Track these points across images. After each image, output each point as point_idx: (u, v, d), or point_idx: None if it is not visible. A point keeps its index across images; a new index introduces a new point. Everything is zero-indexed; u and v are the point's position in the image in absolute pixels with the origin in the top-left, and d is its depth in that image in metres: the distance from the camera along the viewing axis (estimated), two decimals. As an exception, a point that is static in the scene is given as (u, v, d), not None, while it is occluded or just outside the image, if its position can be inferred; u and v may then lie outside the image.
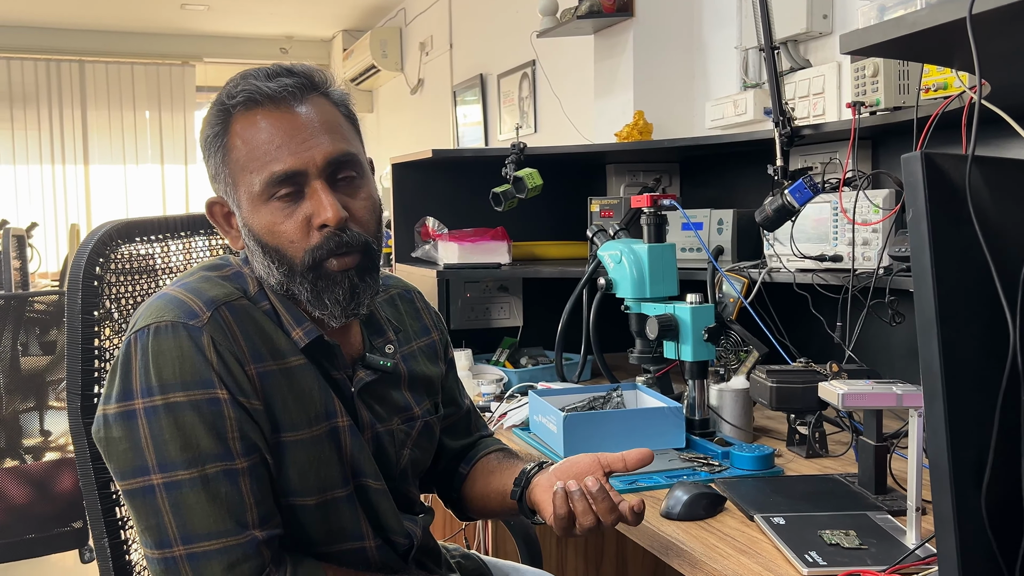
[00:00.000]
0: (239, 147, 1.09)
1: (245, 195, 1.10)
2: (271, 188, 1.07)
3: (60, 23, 7.30)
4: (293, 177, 1.07)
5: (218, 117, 1.11)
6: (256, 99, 1.08)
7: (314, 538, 1.13)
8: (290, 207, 1.08)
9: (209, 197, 1.16)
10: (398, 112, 7.06)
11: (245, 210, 1.10)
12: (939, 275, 0.69)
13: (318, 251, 1.09)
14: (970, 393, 0.70)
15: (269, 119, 1.08)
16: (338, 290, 1.11)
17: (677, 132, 3.02)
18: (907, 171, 0.69)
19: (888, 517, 1.26)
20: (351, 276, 1.11)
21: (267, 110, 1.08)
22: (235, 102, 1.09)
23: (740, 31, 2.83)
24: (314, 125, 1.09)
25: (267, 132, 1.07)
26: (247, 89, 1.08)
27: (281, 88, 1.08)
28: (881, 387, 1.16)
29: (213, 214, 1.16)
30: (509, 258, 2.43)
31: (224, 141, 1.10)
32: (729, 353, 1.82)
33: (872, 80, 1.75)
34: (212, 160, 1.12)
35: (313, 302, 1.11)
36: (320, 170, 1.08)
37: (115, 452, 1.03)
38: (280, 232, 1.08)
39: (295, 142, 1.07)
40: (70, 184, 7.79)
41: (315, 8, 7.03)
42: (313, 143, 1.08)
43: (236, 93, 1.09)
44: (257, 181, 1.07)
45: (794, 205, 1.70)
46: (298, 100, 1.09)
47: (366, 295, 1.14)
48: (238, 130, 1.09)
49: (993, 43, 0.94)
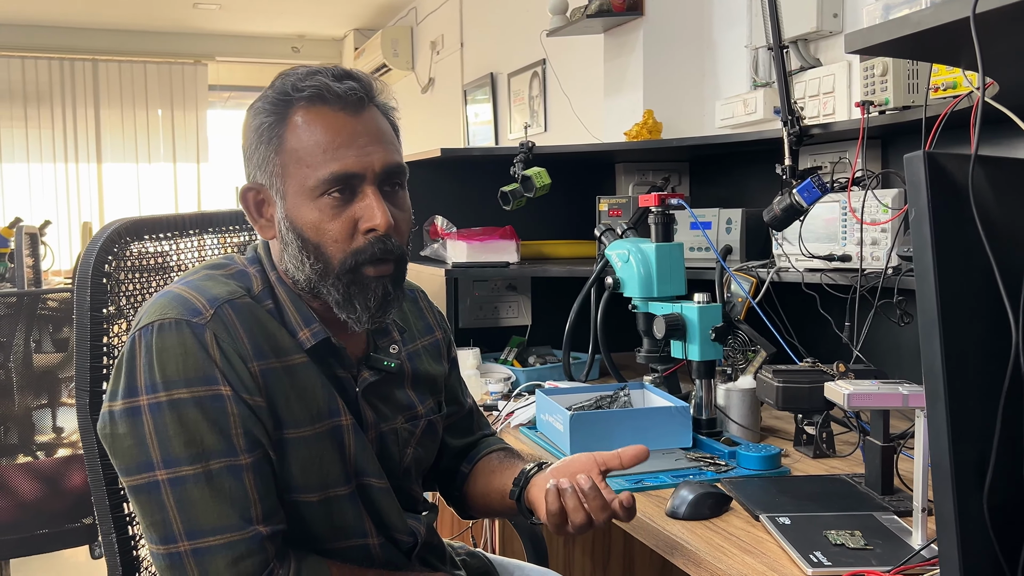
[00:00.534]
0: (298, 139, 1.09)
1: (295, 187, 1.10)
2: (325, 185, 1.08)
3: (74, 22, 7.34)
4: (350, 179, 1.09)
5: (278, 105, 1.11)
6: (324, 96, 1.09)
7: (318, 534, 1.13)
8: (339, 207, 1.09)
9: (245, 184, 1.16)
10: (409, 111, 7.06)
11: (291, 202, 1.11)
12: (941, 275, 0.68)
13: (361, 255, 1.10)
14: (972, 394, 0.70)
15: (334, 118, 1.09)
16: (371, 296, 1.12)
17: (687, 131, 3.01)
18: (910, 171, 0.69)
19: (894, 518, 1.25)
20: (386, 284, 1.12)
21: (333, 109, 1.09)
22: (302, 95, 1.09)
23: (750, 30, 2.82)
24: (374, 132, 1.11)
25: (331, 131, 1.09)
26: (316, 85, 1.09)
27: (349, 91, 1.10)
28: (887, 387, 1.16)
29: (246, 200, 1.16)
30: (517, 257, 2.43)
31: (280, 131, 1.10)
32: (737, 353, 1.81)
33: (881, 79, 1.74)
34: (262, 147, 1.12)
35: (342, 304, 1.12)
36: (376, 176, 1.10)
37: (120, 448, 1.04)
38: (325, 230, 1.09)
39: (357, 145, 1.09)
40: (83, 182, 7.84)
41: (327, 7, 7.04)
42: (372, 150, 1.10)
43: (304, 87, 1.09)
44: (312, 176, 1.08)
45: (802, 205, 1.70)
46: (362, 106, 1.11)
47: (396, 304, 1.16)
48: (299, 122, 1.10)
49: (1000, 42, 0.94)
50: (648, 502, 1.38)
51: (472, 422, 1.45)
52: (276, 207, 1.13)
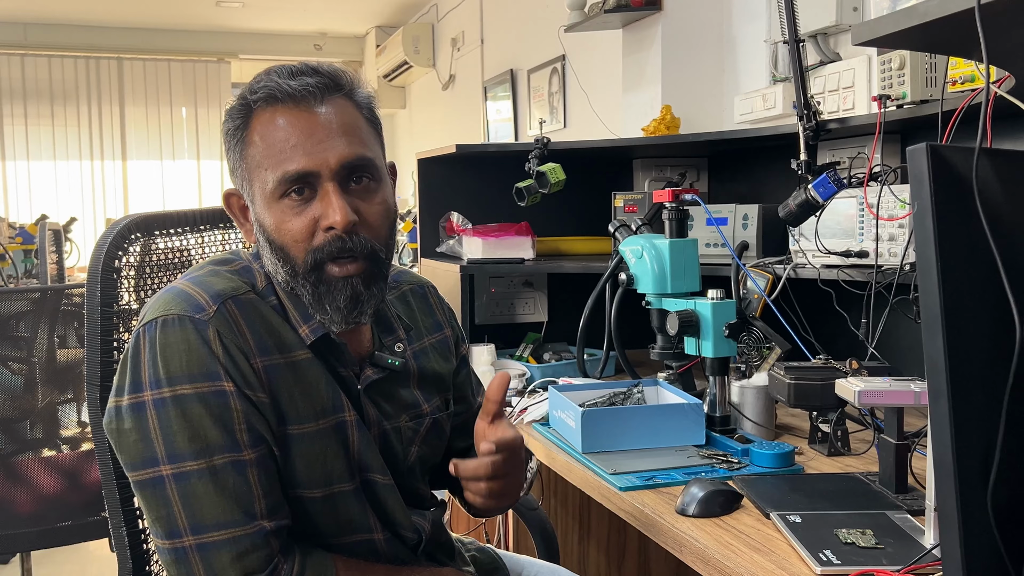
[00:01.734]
0: (256, 143, 1.09)
1: (259, 191, 1.10)
2: (283, 186, 1.07)
3: (99, 21, 7.42)
4: (305, 177, 1.07)
5: (239, 112, 1.11)
6: (276, 96, 1.08)
7: (322, 530, 1.14)
8: (300, 207, 1.08)
9: (227, 189, 1.17)
10: (430, 108, 7.08)
11: (258, 206, 1.11)
12: (945, 271, 0.67)
13: (319, 252, 1.08)
14: (976, 391, 0.69)
15: (287, 117, 1.08)
16: (339, 296, 1.10)
17: (706, 126, 2.99)
18: (912, 164, 0.68)
19: (907, 516, 1.24)
20: (354, 283, 1.10)
21: (286, 108, 1.08)
22: (256, 98, 1.09)
23: (769, 24, 2.79)
24: (331, 127, 1.08)
25: (284, 131, 1.07)
26: (268, 86, 1.08)
27: (302, 87, 1.08)
28: (899, 384, 1.15)
29: (230, 206, 1.17)
30: (533, 253, 2.42)
31: (243, 136, 1.11)
32: (751, 350, 1.80)
33: (899, 73, 1.72)
34: (231, 153, 1.13)
35: (314, 305, 1.12)
36: (333, 172, 1.08)
37: (125, 444, 1.04)
38: (286, 230, 1.09)
39: (311, 142, 1.07)
40: (108, 179, 7.93)
41: (348, 5, 7.07)
42: (328, 145, 1.07)
43: (258, 89, 1.09)
44: (271, 178, 1.08)
45: (818, 200, 1.68)
46: (318, 100, 1.09)
47: (369, 304, 1.13)
48: (257, 126, 1.09)
49: (1015, 33, 0.92)
50: (659, 499, 1.38)
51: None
52: (250, 211, 1.14)
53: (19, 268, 4.98)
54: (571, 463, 1.60)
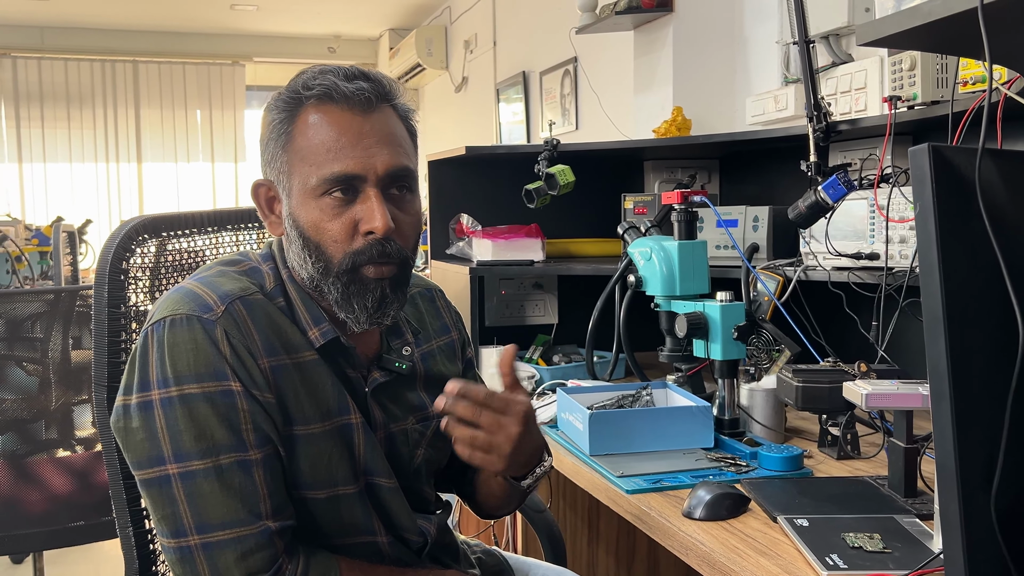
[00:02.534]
0: (304, 137, 1.10)
1: (299, 185, 1.10)
2: (326, 185, 1.08)
3: (115, 25, 7.48)
4: (351, 180, 1.08)
5: (289, 104, 1.11)
6: (332, 96, 1.09)
7: (327, 530, 1.14)
8: (340, 208, 1.09)
9: (257, 179, 1.17)
10: (443, 110, 7.09)
11: (295, 200, 1.11)
12: (947, 272, 0.67)
13: (359, 256, 1.09)
14: (979, 394, 0.68)
15: (340, 118, 1.09)
16: (369, 297, 1.11)
17: (718, 128, 2.98)
18: (914, 164, 0.68)
19: (916, 521, 1.22)
20: (384, 286, 1.12)
21: (340, 108, 1.09)
22: (311, 94, 1.10)
23: (781, 25, 2.78)
24: (380, 134, 1.10)
25: (336, 131, 1.08)
26: (325, 84, 1.09)
27: (358, 91, 1.09)
28: (907, 387, 1.14)
29: (258, 195, 1.17)
30: (542, 255, 2.42)
31: (289, 128, 1.11)
32: (761, 352, 1.79)
33: (909, 74, 1.71)
34: (271, 144, 1.13)
35: (341, 304, 1.12)
36: (378, 179, 1.09)
37: (132, 442, 1.05)
38: (325, 229, 1.09)
39: (360, 147, 1.08)
40: (124, 181, 7.99)
41: (362, 7, 7.09)
42: (376, 151, 1.09)
43: (313, 85, 1.10)
44: (315, 175, 1.08)
45: (827, 202, 1.67)
46: (371, 107, 1.10)
47: (393, 307, 1.14)
48: (307, 121, 1.10)
49: (1021, 35, 0.91)
50: (666, 502, 1.37)
51: None
52: (283, 204, 1.13)
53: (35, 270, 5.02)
54: (579, 465, 1.59)
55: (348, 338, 1.16)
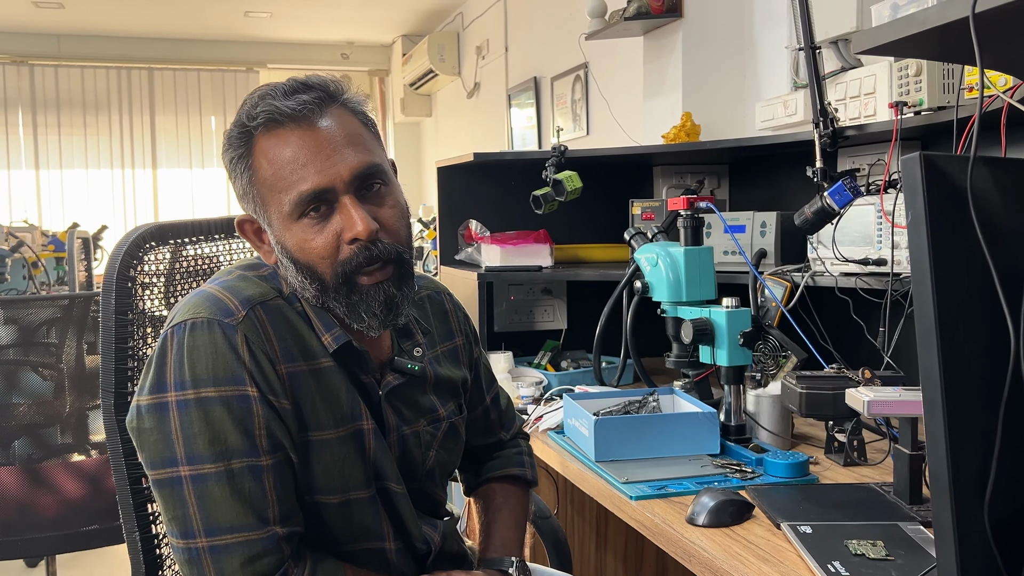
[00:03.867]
0: (265, 167, 1.09)
1: (276, 214, 1.10)
2: (300, 207, 1.08)
3: (130, 32, 7.54)
4: (321, 195, 1.08)
5: (240, 139, 1.11)
6: (276, 119, 1.08)
7: (336, 536, 1.14)
8: (321, 223, 1.09)
9: (239, 216, 1.17)
10: (455, 115, 7.11)
11: (277, 228, 1.11)
12: (939, 281, 0.67)
13: (348, 265, 1.09)
14: (972, 402, 0.68)
15: (292, 137, 1.08)
16: (374, 303, 1.11)
17: (727, 133, 2.98)
18: (906, 173, 0.68)
19: (920, 528, 1.22)
20: (386, 288, 1.12)
21: (289, 129, 1.08)
22: (256, 123, 1.09)
23: (791, 30, 2.77)
24: (336, 139, 1.09)
25: (291, 151, 1.08)
26: (266, 110, 1.08)
27: (300, 105, 1.08)
28: (909, 395, 1.14)
29: (244, 231, 1.17)
30: (551, 261, 2.43)
31: (249, 162, 1.11)
32: (767, 358, 1.79)
33: (915, 79, 1.70)
34: (239, 181, 1.13)
35: (350, 316, 1.12)
36: (348, 185, 1.08)
37: (147, 442, 1.06)
38: (311, 249, 1.09)
39: (320, 159, 1.07)
40: (139, 187, 8.05)
41: (375, 14, 7.12)
42: (338, 158, 1.08)
43: (256, 115, 1.09)
44: (286, 201, 1.08)
45: (834, 208, 1.67)
46: (318, 115, 1.09)
47: (403, 304, 1.14)
48: (262, 150, 1.09)
49: (1022, 41, 0.91)
50: (670, 508, 1.37)
51: (489, 423, 1.45)
52: (268, 234, 1.14)
53: (51, 275, 5.06)
54: (585, 472, 1.59)
55: (360, 342, 1.17)
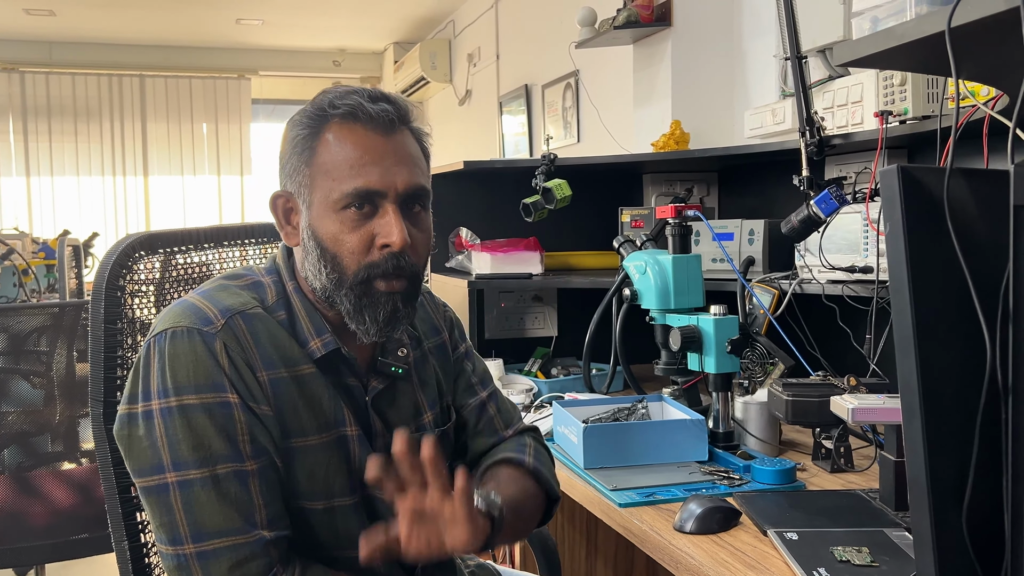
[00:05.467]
0: (330, 152, 1.13)
1: (320, 198, 1.13)
2: (348, 199, 1.11)
3: (121, 39, 7.54)
4: (372, 195, 1.12)
5: (313, 120, 1.14)
6: (358, 115, 1.13)
7: (323, 541, 1.15)
8: (359, 222, 1.12)
9: (276, 190, 1.20)
10: (447, 123, 7.12)
11: (315, 212, 1.14)
12: (916, 291, 0.68)
13: (374, 268, 1.12)
14: (949, 410, 0.69)
15: (364, 137, 1.13)
16: (380, 311, 1.14)
17: (716, 141, 2.99)
18: (884, 185, 0.69)
19: (905, 534, 1.23)
20: (396, 299, 1.14)
21: (364, 128, 1.13)
22: (337, 112, 1.13)
23: (779, 39, 2.79)
24: (401, 154, 1.14)
25: (360, 148, 1.12)
26: (352, 104, 1.13)
27: (382, 112, 1.13)
28: (893, 402, 1.15)
29: (276, 206, 1.19)
30: (541, 268, 2.44)
31: (312, 144, 1.14)
32: (755, 366, 1.80)
33: (900, 89, 1.72)
34: (294, 157, 1.16)
35: (352, 315, 1.14)
36: (397, 196, 1.13)
37: (133, 450, 1.07)
38: (343, 241, 1.12)
39: (382, 165, 1.12)
40: (130, 195, 8.03)
41: (367, 21, 7.14)
42: (397, 170, 1.13)
43: (340, 104, 1.13)
44: (337, 189, 1.11)
45: (820, 216, 1.68)
46: (393, 128, 1.14)
47: (403, 322, 1.17)
48: (332, 137, 1.13)
49: (999, 52, 0.92)
50: (658, 515, 1.38)
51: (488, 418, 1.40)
52: (302, 215, 1.16)
53: (41, 283, 5.04)
54: (574, 479, 1.60)
55: (349, 348, 1.18)
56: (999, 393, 0.67)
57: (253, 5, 6.58)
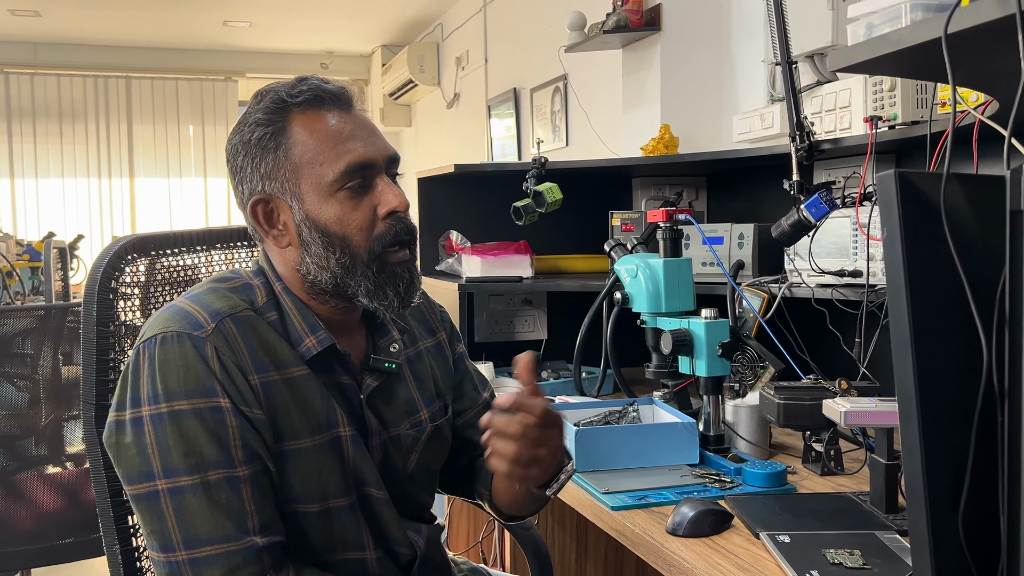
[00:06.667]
0: (304, 142, 1.12)
1: (311, 188, 1.12)
2: (344, 178, 1.12)
3: (107, 40, 7.50)
4: (366, 167, 1.13)
5: (274, 115, 1.13)
6: (321, 97, 1.14)
7: (316, 545, 1.15)
8: (358, 198, 1.13)
9: (253, 198, 1.16)
10: (435, 126, 7.12)
11: (309, 202, 1.13)
12: (913, 295, 0.68)
13: (383, 239, 1.14)
14: (946, 414, 0.69)
15: (334, 116, 1.14)
16: (399, 282, 1.16)
17: (705, 145, 3.01)
18: (881, 190, 0.69)
19: (896, 537, 1.24)
20: (408, 267, 1.17)
21: (331, 107, 1.14)
22: (298, 100, 1.13)
23: (767, 44, 2.81)
24: (370, 126, 1.17)
25: (337, 125, 1.13)
26: (310, 88, 1.14)
27: (341, 91, 1.16)
28: (885, 405, 1.15)
29: (255, 213, 1.17)
30: (531, 271, 2.44)
31: (282, 138, 1.13)
32: (745, 369, 1.80)
33: (890, 94, 1.73)
34: (267, 158, 1.13)
35: (374, 292, 1.15)
36: (386, 163, 1.15)
37: (123, 457, 1.06)
38: (349, 221, 1.13)
39: (364, 135, 1.14)
40: (116, 197, 7.99)
41: (355, 24, 7.13)
42: (376, 139, 1.16)
43: (298, 92, 1.13)
44: (329, 172, 1.12)
45: (810, 220, 1.69)
46: (354, 103, 1.17)
47: (418, 286, 1.20)
48: (302, 126, 1.13)
49: (992, 59, 0.93)
50: (650, 518, 1.38)
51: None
52: (292, 212, 1.14)
53: (26, 285, 5.01)
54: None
55: (344, 344, 1.17)
56: (995, 397, 0.68)
57: (240, 7, 6.56)
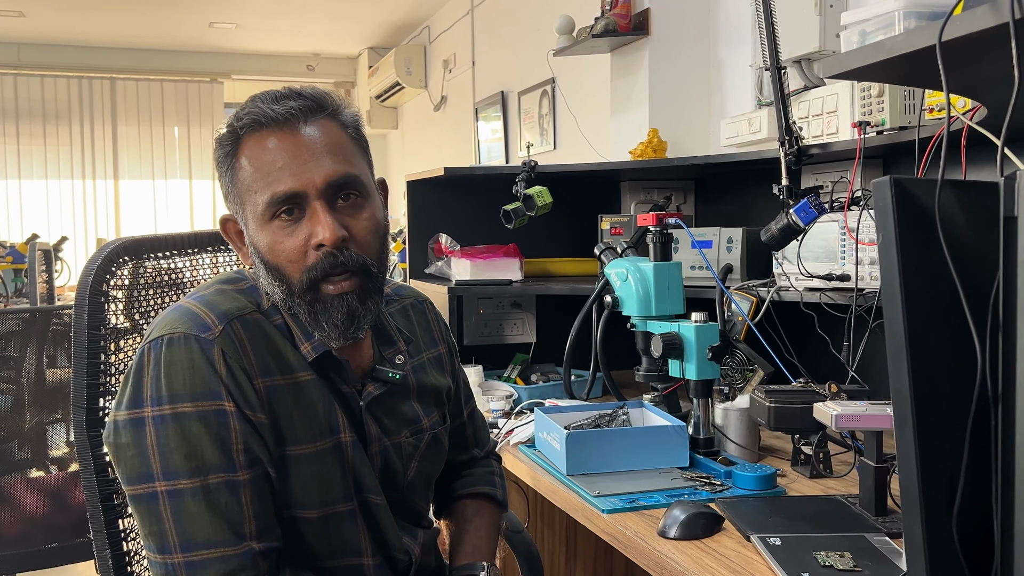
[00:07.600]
0: (245, 167, 1.12)
1: (251, 214, 1.12)
2: (272, 208, 1.10)
3: (92, 41, 7.45)
4: (293, 198, 1.09)
5: (228, 139, 1.13)
6: (261, 121, 1.10)
7: (314, 552, 1.14)
8: (291, 227, 1.10)
9: (223, 214, 1.19)
10: (422, 128, 7.12)
11: (251, 228, 1.13)
12: (909, 300, 0.69)
13: (313, 271, 1.10)
14: (940, 418, 0.70)
15: (273, 141, 1.10)
16: (336, 314, 1.12)
17: (693, 149, 3.02)
18: (877, 196, 0.70)
19: (886, 539, 1.25)
20: (349, 300, 1.12)
21: (271, 131, 1.10)
22: (242, 124, 1.11)
23: (755, 49, 2.83)
24: (316, 147, 1.10)
25: (271, 154, 1.10)
26: (252, 112, 1.11)
27: (285, 111, 1.10)
28: (875, 408, 1.16)
29: (227, 231, 1.19)
30: (521, 275, 2.44)
31: (232, 162, 1.13)
32: (735, 372, 1.81)
33: (878, 100, 1.75)
34: (223, 179, 1.15)
35: (311, 323, 1.13)
36: (320, 191, 1.10)
37: (123, 457, 1.05)
38: (280, 251, 1.10)
39: (296, 163, 1.09)
40: (100, 199, 7.94)
41: (341, 26, 7.12)
42: (314, 165, 1.09)
43: (243, 116, 1.12)
44: (261, 201, 1.10)
45: (799, 225, 1.70)
46: (302, 122, 1.11)
47: (366, 319, 1.14)
48: (245, 151, 1.12)
49: (981, 67, 0.94)
50: (642, 521, 1.39)
51: (465, 438, 1.45)
52: (245, 235, 1.15)
53: (9, 287, 4.98)
54: (556, 485, 1.61)
55: (340, 351, 1.17)
56: (989, 401, 0.69)
57: (227, 8, 6.53)
